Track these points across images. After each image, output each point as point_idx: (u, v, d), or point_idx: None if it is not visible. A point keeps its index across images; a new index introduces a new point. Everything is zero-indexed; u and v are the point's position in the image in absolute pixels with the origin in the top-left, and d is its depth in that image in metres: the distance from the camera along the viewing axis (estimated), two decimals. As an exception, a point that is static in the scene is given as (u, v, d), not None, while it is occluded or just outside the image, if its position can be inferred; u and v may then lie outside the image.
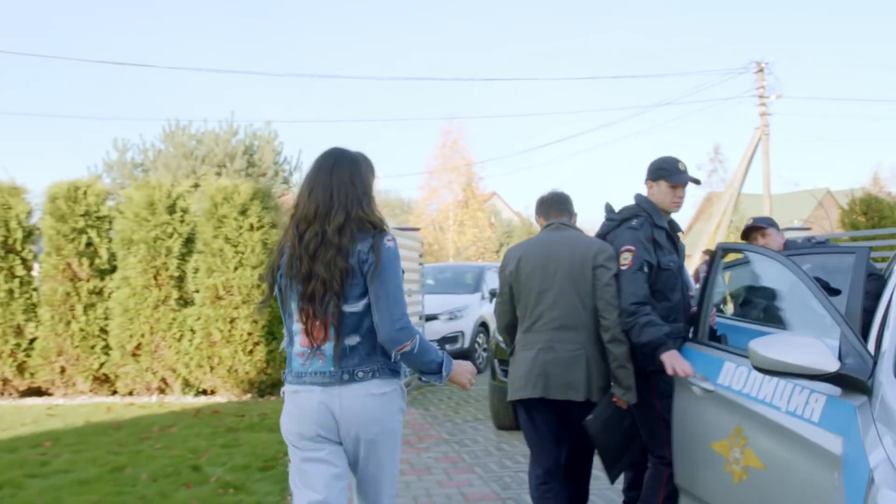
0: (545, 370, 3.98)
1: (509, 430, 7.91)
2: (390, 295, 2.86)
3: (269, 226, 10.48)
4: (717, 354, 3.67)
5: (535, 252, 4.18)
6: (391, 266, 2.89)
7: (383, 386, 2.93)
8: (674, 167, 4.22)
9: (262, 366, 10.22)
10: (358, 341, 2.91)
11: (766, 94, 30.31)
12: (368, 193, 3.02)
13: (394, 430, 3.00)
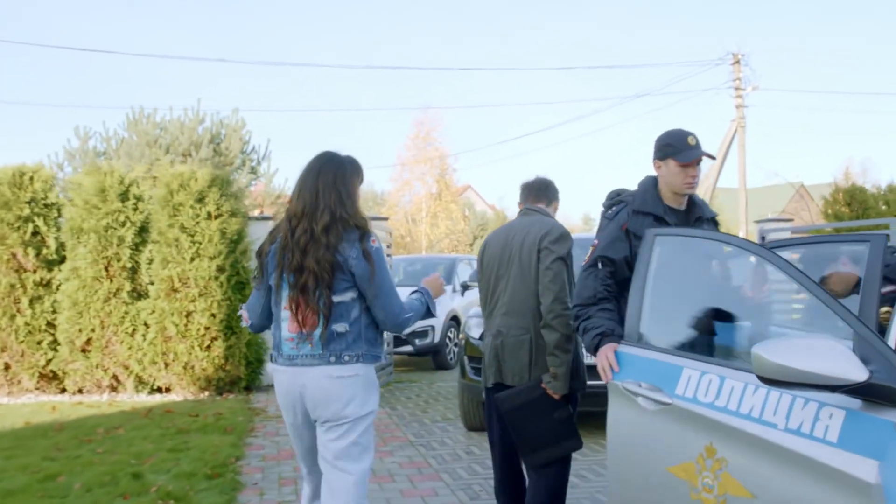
0: (496, 355, 4.03)
1: (480, 431, 7.44)
2: (388, 293, 3.24)
3: (227, 214, 9.93)
4: (672, 360, 3.00)
5: (497, 238, 4.19)
6: (381, 266, 3.22)
7: (356, 370, 3.21)
8: (682, 143, 3.62)
9: (220, 362, 9.67)
10: (346, 329, 3.21)
11: (743, 86, 30.08)
12: (352, 196, 3.30)
13: (363, 415, 3.23)
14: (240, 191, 20.84)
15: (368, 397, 3.26)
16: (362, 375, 3.23)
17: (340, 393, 3.18)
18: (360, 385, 3.22)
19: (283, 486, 5.63)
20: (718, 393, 2.74)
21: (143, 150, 21.26)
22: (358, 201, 3.33)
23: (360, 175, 3.39)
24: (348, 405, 3.19)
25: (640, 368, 3.07)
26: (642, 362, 3.08)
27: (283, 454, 6.60)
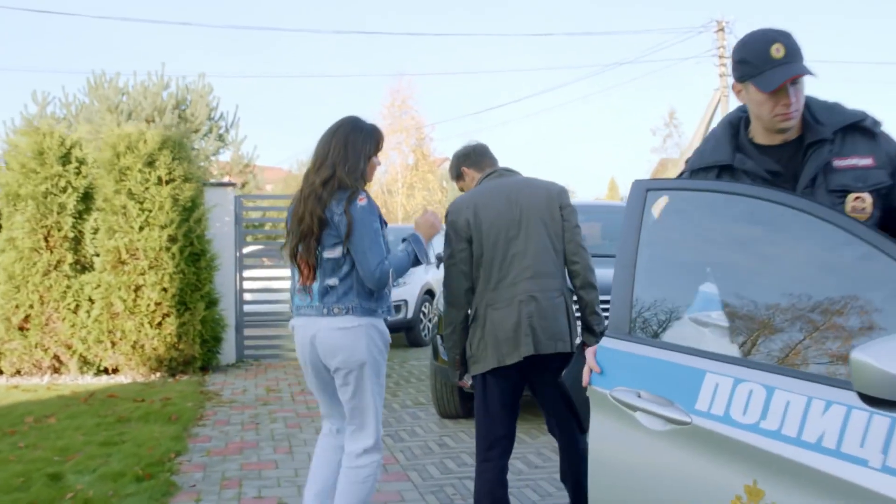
0: (531, 323, 3.61)
1: (454, 418, 6.70)
2: (364, 251, 3.34)
3: (180, 179, 9.08)
4: (689, 361, 2.18)
5: (493, 199, 3.75)
6: (362, 223, 3.35)
7: (354, 321, 3.40)
8: (764, 57, 2.41)
9: (172, 340, 8.86)
10: (336, 283, 3.41)
11: (726, 55, 29.34)
12: (358, 158, 3.46)
13: (367, 361, 3.42)
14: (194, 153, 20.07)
15: (366, 347, 3.41)
16: (362, 326, 3.40)
17: (341, 343, 3.40)
18: (360, 335, 3.39)
19: (225, 488, 4.86)
20: (765, 411, 1.96)
21: (103, 115, 20.25)
22: (363, 165, 3.48)
23: (373, 141, 3.53)
24: (352, 355, 3.40)
25: (641, 372, 2.26)
26: (643, 363, 2.26)
27: (231, 448, 5.83)
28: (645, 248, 2.39)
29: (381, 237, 3.43)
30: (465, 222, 3.68)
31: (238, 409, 7.24)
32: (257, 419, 6.81)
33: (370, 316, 3.44)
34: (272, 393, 8.01)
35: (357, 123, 3.54)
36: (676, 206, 2.50)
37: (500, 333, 3.61)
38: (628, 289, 2.34)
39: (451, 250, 3.68)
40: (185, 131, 9.32)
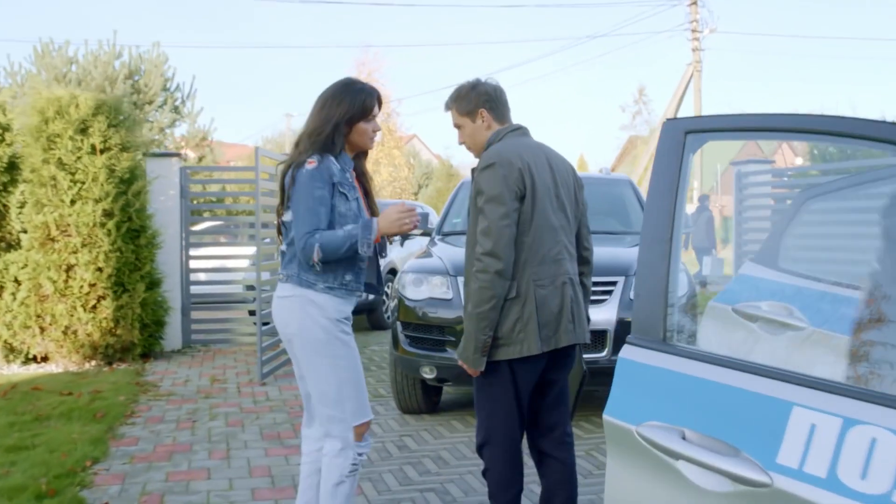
0: (573, 309, 3.31)
1: (417, 414, 6.01)
2: (298, 216, 3.17)
3: (117, 148, 8.22)
4: (765, 388, 1.47)
5: (539, 160, 3.30)
6: (302, 187, 3.18)
7: (289, 290, 3.26)
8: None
9: (108, 325, 8.04)
10: (284, 248, 3.34)
11: (700, 29, 28.77)
12: (323, 124, 3.27)
13: (296, 335, 3.24)
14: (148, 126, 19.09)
15: (298, 321, 3.22)
16: (297, 297, 3.23)
17: (278, 313, 3.30)
18: (294, 306, 3.23)
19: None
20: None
21: (50, 85, 19.14)
22: (330, 130, 3.26)
23: (354, 105, 3.28)
24: (285, 326, 3.27)
25: (685, 400, 1.57)
26: (689, 387, 1.57)
27: (160, 452, 5.09)
28: (686, 214, 1.68)
29: (324, 206, 3.18)
30: (519, 176, 3.17)
31: (175, 402, 6.48)
32: (195, 415, 6.06)
33: (307, 288, 3.23)
34: (217, 384, 7.25)
35: (340, 86, 3.35)
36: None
37: (543, 315, 3.19)
38: (662, 273, 1.63)
39: (506, 209, 3.12)
40: (121, 96, 8.34)
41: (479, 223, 3.16)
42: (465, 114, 3.38)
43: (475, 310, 3.11)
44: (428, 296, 5.57)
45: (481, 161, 3.23)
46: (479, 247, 3.13)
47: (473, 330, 3.13)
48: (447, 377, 5.51)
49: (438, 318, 5.50)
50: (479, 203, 3.17)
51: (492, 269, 3.10)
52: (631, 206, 6.92)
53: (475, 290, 3.12)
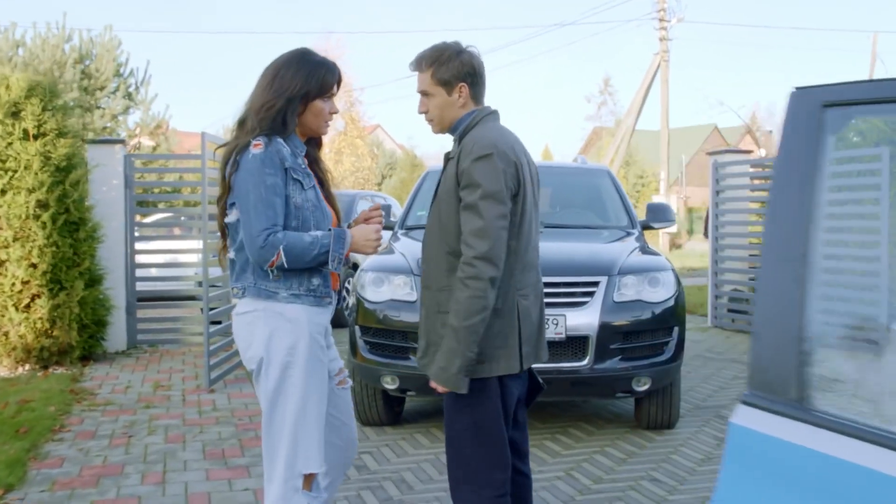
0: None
1: (377, 426, 5.48)
2: (249, 209, 2.67)
3: (54, 134, 7.56)
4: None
5: (525, 155, 2.88)
6: (249, 174, 2.69)
7: (249, 305, 2.77)
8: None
9: (43, 326, 7.40)
10: (233, 256, 2.83)
11: (668, 18, 28.46)
12: (275, 98, 2.76)
13: (276, 359, 2.72)
14: (100, 112, 18.26)
15: (263, 340, 2.74)
16: (260, 312, 2.75)
17: (238, 334, 2.83)
18: (257, 322, 2.75)
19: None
20: None
21: (-5, 69, 18.27)
22: (282, 105, 2.77)
23: (312, 78, 2.81)
24: (248, 347, 2.78)
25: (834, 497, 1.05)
26: (841, 477, 1.07)
27: (87, 475, 4.51)
28: (829, 211, 1.18)
29: (279, 197, 2.70)
30: (514, 172, 2.74)
31: (112, 413, 5.88)
32: (132, 429, 5.47)
33: (269, 299, 2.75)
34: (160, 390, 6.66)
35: (296, 55, 2.86)
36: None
37: (526, 329, 2.81)
38: (794, 303, 1.10)
39: (504, 209, 2.69)
40: (52, 79, 7.59)
41: (468, 222, 2.66)
42: (440, 82, 2.84)
43: (464, 322, 2.63)
44: (389, 297, 5.03)
45: (471, 149, 2.71)
46: (469, 249, 2.64)
47: (459, 346, 2.64)
48: (411, 388, 4.99)
49: (401, 322, 4.96)
50: (470, 198, 2.67)
51: (486, 275, 2.63)
52: (610, 198, 6.43)
53: (465, 300, 2.63)
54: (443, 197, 2.78)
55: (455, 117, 2.87)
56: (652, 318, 4.95)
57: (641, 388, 4.90)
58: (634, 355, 4.88)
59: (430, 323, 2.81)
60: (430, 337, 2.82)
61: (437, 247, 2.80)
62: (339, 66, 2.97)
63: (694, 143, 56.33)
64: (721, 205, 10.09)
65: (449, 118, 2.88)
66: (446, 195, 2.76)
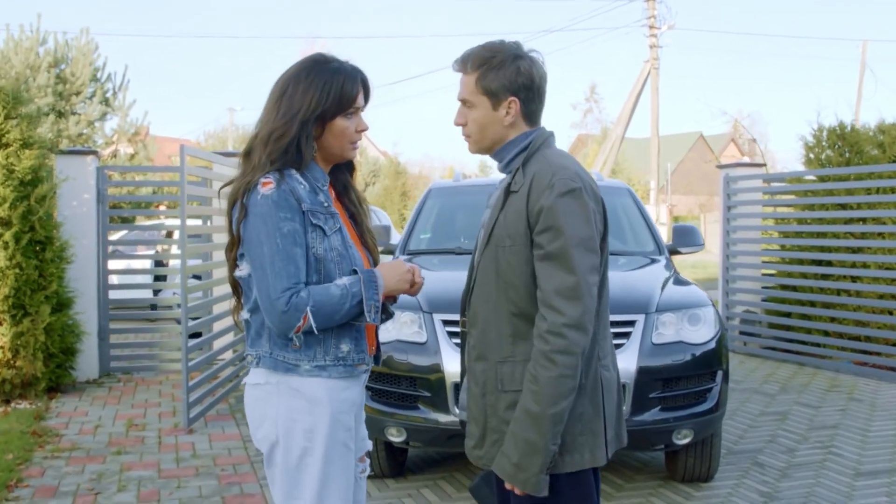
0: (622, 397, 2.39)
1: (379, 478, 4.86)
2: (265, 265, 2.16)
3: (18, 144, 6.91)
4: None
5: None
6: (262, 223, 2.18)
7: (262, 377, 2.28)
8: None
9: (4, 356, 6.75)
10: (248, 317, 2.33)
11: (658, 25, 28.04)
12: (287, 121, 2.23)
13: (278, 441, 2.24)
14: (76, 119, 17.54)
15: (279, 419, 2.22)
16: (273, 386, 2.24)
17: (249, 408, 2.33)
18: (270, 398, 2.24)
19: None
20: None
21: (-36, 73, 17.51)
22: (296, 130, 2.21)
23: (321, 84, 2.24)
24: (258, 428, 2.29)
25: None
26: None
27: (43, 549, 3.87)
28: None
29: (299, 247, 2.18)
30: (601, 212, 2.24)
31: (78, 461, 5.22)
32: (101, 483, 4.82)
33: (288, 372, 2.25)
34: (133, 430, 6.00)
35: (306, 65, 2.30)
36: None
37: (610, 408, 2.28)
38: None
39: (596, 260, 2.17)
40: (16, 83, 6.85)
41: (553, 276, 2.10)
42: (485, 91, 2.26)
43: (549, 409, 2.08)
44: (395, 337, 4.40)
45: (551, 181, 2.14)
46: (555, 314, 2.08)
47: (541, 439, 2.09)
48: (420, 440, 4.38)
49: (408, 366, 4.34)
50: (553, 245, 2.11)
51: (578, 347, 2.09)
52: (633, 220, 5.84)
53: (550, 380, 2.07)
54: (503, 241, 2.20)
55: (499, 138, 2.29)
56: (693, 361, 4.35)
57: (682, 441, 4.31)
58: (675, 404, 4.28)
59: (489, 404, 2.24)
60: (488, 422, 2.24)
61: (496, 305, 2.21)
62: (364, 71, 2.37)
63: (679, 150, 56.09)
64: (732, 221, 9.54)
65: (491, 137, 2.30)
66: (510, 239, 2.17)
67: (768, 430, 5.95)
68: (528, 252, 2.15)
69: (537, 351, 2.09)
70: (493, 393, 2.22)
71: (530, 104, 2.28)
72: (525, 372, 2.14)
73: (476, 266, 2.30)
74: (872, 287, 8.01)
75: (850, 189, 8.42)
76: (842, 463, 5.14)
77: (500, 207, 2.23)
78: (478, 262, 2.29)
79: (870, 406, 6.64)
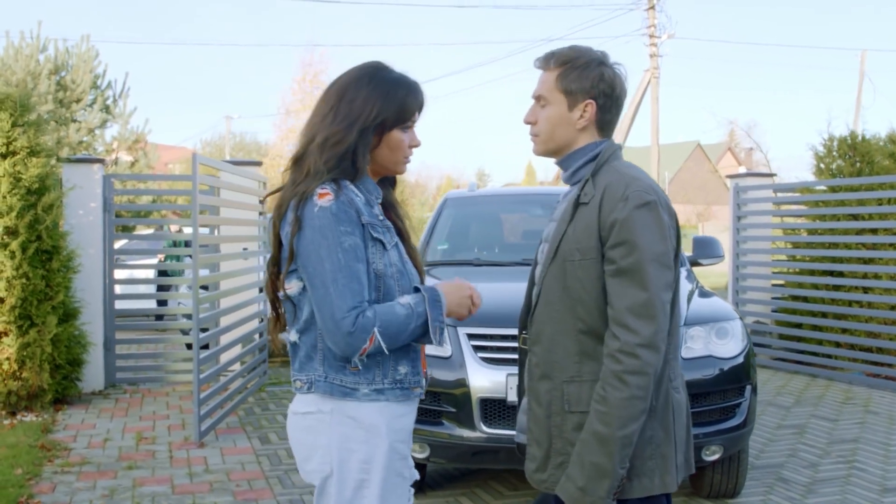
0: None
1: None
2: (326, 282, 2.02)
3: (25, 152, 6.82)
4: None
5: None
6: (321, 237, 2.04)
7: (313, 404, 2.13)
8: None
9: (11, 368, 6.65)
10: (296, 339, 2.18)
11: (658, 34, 28.03)
12: (347, 127, 2.11)
13: (346, 477, 2.09)
14: (76, 126, 17.43)
15: (331, 449, 2.09)
16: (326, 414, 2.11)
17: (295, 438, 2.20)
18: (321, 427, 2.11)
19: None
20: None
21: (-36, 80, 17.41)
22: (355, 139, 2.11)
23: (392, 101, 2.14)
24: (308, 460, 2.15)
25: None
26: None
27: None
28: None
29: (361, 263, 2.06)
30: (676, 225, 2.17)
31: (89, 476, 5.12)
32: (113, 499, 4.72)
33: (346, 398, 2.11)
34: (143, 444, 5.90)
35: (367, 71, 2.22)
36: None
37: (680, 431, 2.20)
38: None
39: (671, 276, 2.10)
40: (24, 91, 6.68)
41: (625, 293, 2.03)
42: (564, 90, 2.20)
43: (619, 431, 2.00)
44: (418, 351, 4.32)
45: (625, 193, 2.08)
46: (628, 333, 2.01)
47: (609, 462, 2.01)
48: (443, 458, 4.29)
49: (432, 381, 4.25)
50: (627, 261, 2.04)
51: (651, 368, 2.02)
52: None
53: (621, 401, 2.00)
54: (571, 254, 2.12)
55: (568, 141, 2.23)
56: (722, 376, 4.27)
57: (711, 457, 4.22)
58: (703, 420, 4.19)
59: (554, 425, 2.16)
60: (553, 444, 2.16)
61: (562, 322, 2.14)
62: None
63: (677, 159, 56.12)
64: (742, 231, 9.48)
65: (559, 139, 2.24)
66: (580, 253, 2.10)
67: (788, 443, 5.87)
68: (598, 267, 2.08)
69: (608, 371, 2.01)
70: (558, 414, 2.14)
71: (606, 112, 2.22)
72: (592, 392, 2.06)
73: (540, 281, 2.21)
74: (884, 298, 7.95)
75: (862, 200, 8.36)
76: (866, 478, 5.05)
77: (568, 220, 2.15)
78: (542, 278, 2.20)
79: (888, 419, 6.56)
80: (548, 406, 2.16)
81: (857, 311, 8.18)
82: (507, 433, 4.08)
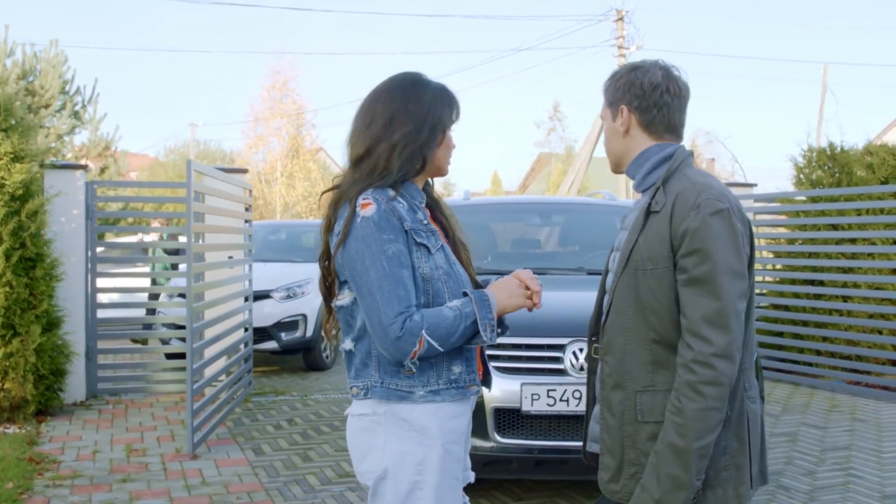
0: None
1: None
2: (373, 290, 2.08)
3: (8, 158, 6.68)
4: None
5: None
6: (365, 246, 2.10)
7: (369, 407, 2.18)
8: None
9: (-6, 378, 6.49)
10: (351, 346, 2.23)
11: (626, 45, 28.28)
12: (419, 126, 2.20)
13: (401, 479, 2.12)
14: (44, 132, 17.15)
15: (386, 452, 2.13)
16: (380, 417, 2.15)
17: (352, 441, 2.25)
18: (377, 430, 2.16)
19: None
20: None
21: (-71, 84, 17.04)
22: (427, 138, 2.19)
23: (450, 105, 2.26)
24: (362, 461, 2.20)
25: None
26: None
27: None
28: None
29: (406, 269, 2.10)
30: (749, 233, 2.13)
31: (83, 490, 5.00)
32: (112, 512, 4.62)
33: (401, 401, 2.16)
34: (135, 455, 5.78)
35: (418, 76, 2.30)
36: None
37: (755, 442, 2.17)
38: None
39: (744, 286, 2.06)
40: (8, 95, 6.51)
41: (698, 303, 2.01)
42: (608, 103, 2.28)
43: (695, 443, 1.98)
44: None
45: (697, 200, 2.07)
46: (702, 343, 1.99)
47: (684, 474, 1.99)
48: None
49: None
50: (700, 270, 2.02)
51: (726, 378, 2.00)
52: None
53: (697, 413, 1.98)
54: (644, 264, 2.11)
55: (622, 151, 2.26)
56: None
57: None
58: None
59: (626, 435, 2.14)
60: (626, 454, 2.14)
61: (635, 332, 2.12)
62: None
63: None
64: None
65: (615, 150, 2.29)
66: (651, 263, 2.09)
67: (782, 451, 5.91)
68: (671, 276, 2.06)
69: (682, 381, 2.00)
70: (631, 424, 2.13)
71: (644, 113, 2.21)
72: (666, 402, 2.04)
73: (611, 290, 2.20)
74: (863, 307, 8.07)
75: (842, 210, 8.48)
76: (865, 485, 5.11)
77: (639, 229, 2.14)
78: (613, 287, 2.19)
79: (875, 427, 6.64)
80: (620, 416, 2.15)
81: (836, 319, 8.29)
82: (520, 443, 4.07)
